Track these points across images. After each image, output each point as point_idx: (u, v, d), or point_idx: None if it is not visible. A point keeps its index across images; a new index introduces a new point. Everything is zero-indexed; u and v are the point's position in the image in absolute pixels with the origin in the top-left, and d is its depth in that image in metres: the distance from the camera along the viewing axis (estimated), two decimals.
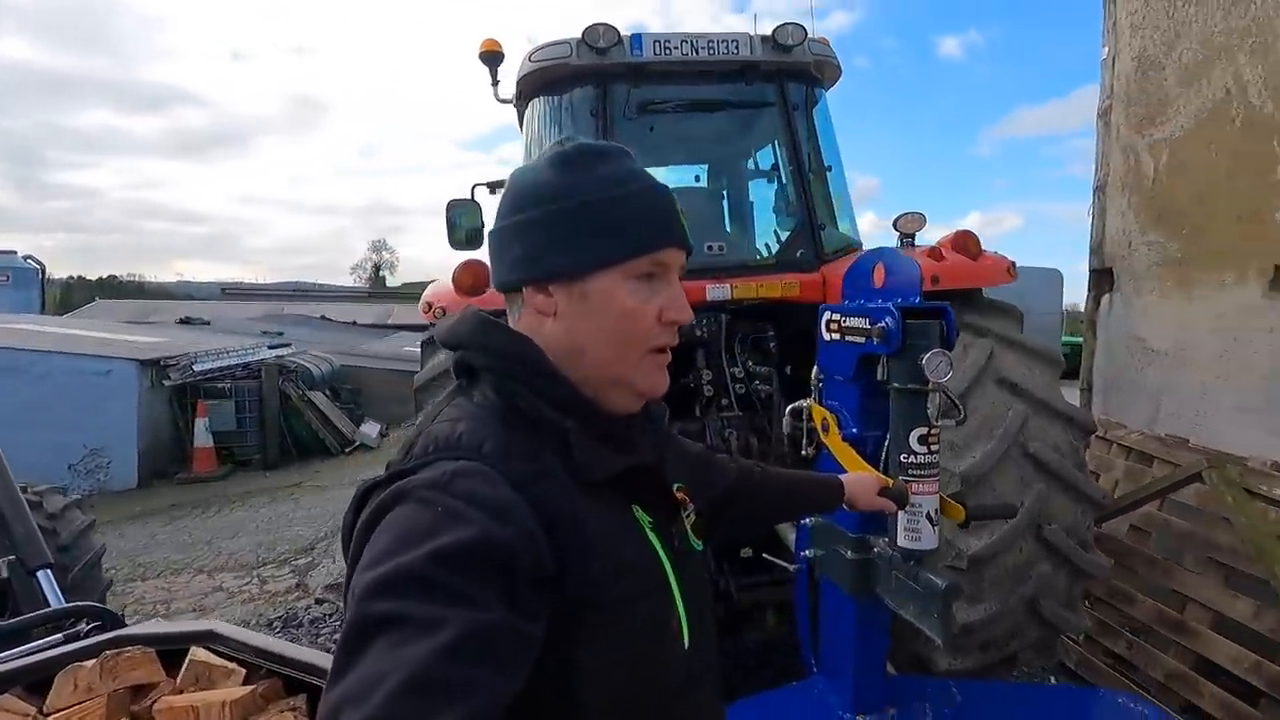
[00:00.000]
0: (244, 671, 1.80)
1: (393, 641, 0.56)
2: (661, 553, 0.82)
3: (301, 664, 1.81)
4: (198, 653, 1.80)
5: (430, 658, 0.54)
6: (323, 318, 22.87)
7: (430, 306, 2.55)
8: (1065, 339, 11.33)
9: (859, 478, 1.52)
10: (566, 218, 0.80)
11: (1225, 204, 3.31)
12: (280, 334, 15.38)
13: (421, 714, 0.52)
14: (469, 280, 2.52)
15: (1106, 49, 3.96)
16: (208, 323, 17.52)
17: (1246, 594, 2.70)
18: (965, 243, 2.74)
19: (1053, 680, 3.02)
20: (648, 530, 0.82)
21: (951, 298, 1.88)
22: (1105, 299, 4.03)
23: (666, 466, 0.92)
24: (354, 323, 22.67)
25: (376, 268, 64.91)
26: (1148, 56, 3.69)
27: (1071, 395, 3.03)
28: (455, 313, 2.60)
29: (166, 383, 8.86)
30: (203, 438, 8.88)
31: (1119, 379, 3.94)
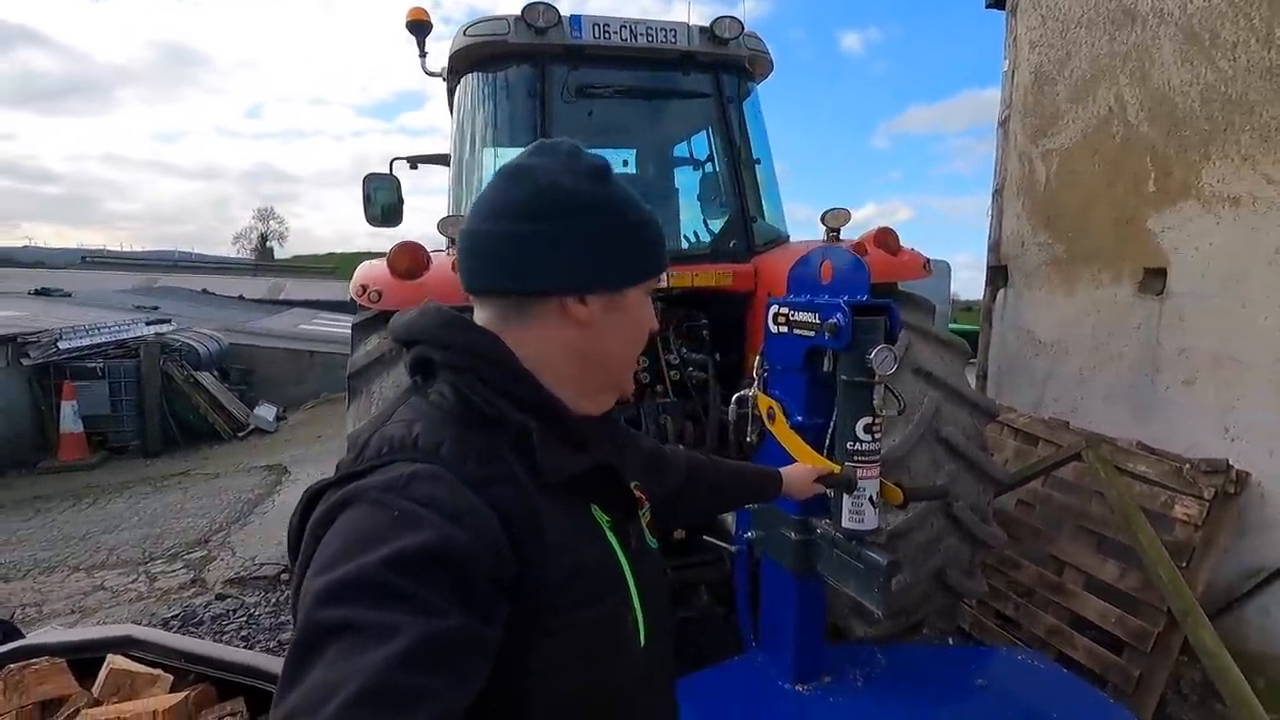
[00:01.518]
0: (170, 678, 1.70)
1: (345, 649, 0.54)
2: (619, 552, 0.82)
3: (236, 665, 1.73)
4: (116, 660, 1.68)
5: (384, 666, 0.53)
6: (204, 291, 21.11)
7: (365, 290, 2.42)
8: (952, 326, 12.21)
9: (794, 469, 1.61)
10: (615, 233, 0.82)
11: (1105, 211, 3.67)
12: (156, 308, 14.08)
13: None
14: (406, 263, 2.42)
15: (1007, 62, 4.27)
16: (69, 295, 15.75)
17: (1114, 558, 3.07)
18: (886, 239, 2.90)
19: (950, 641, 3.31)
20: (606, 530, 0.82)
21: (872, 291, 2.00)
22: (1000, 293, 4.40)
23: (625, 465, 0.92)
24: (240, 297, 21.07)
25: (263, 238, 60.42)
26: (1043, 72, 4.02)
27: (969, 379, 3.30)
28: (390, 302, 2.50)
29: (25, 361, 7.93)
30: (70, 422, 8.02)
31: (1011, 366, 4.32)
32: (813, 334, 1.76)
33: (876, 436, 1.68)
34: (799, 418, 1.88)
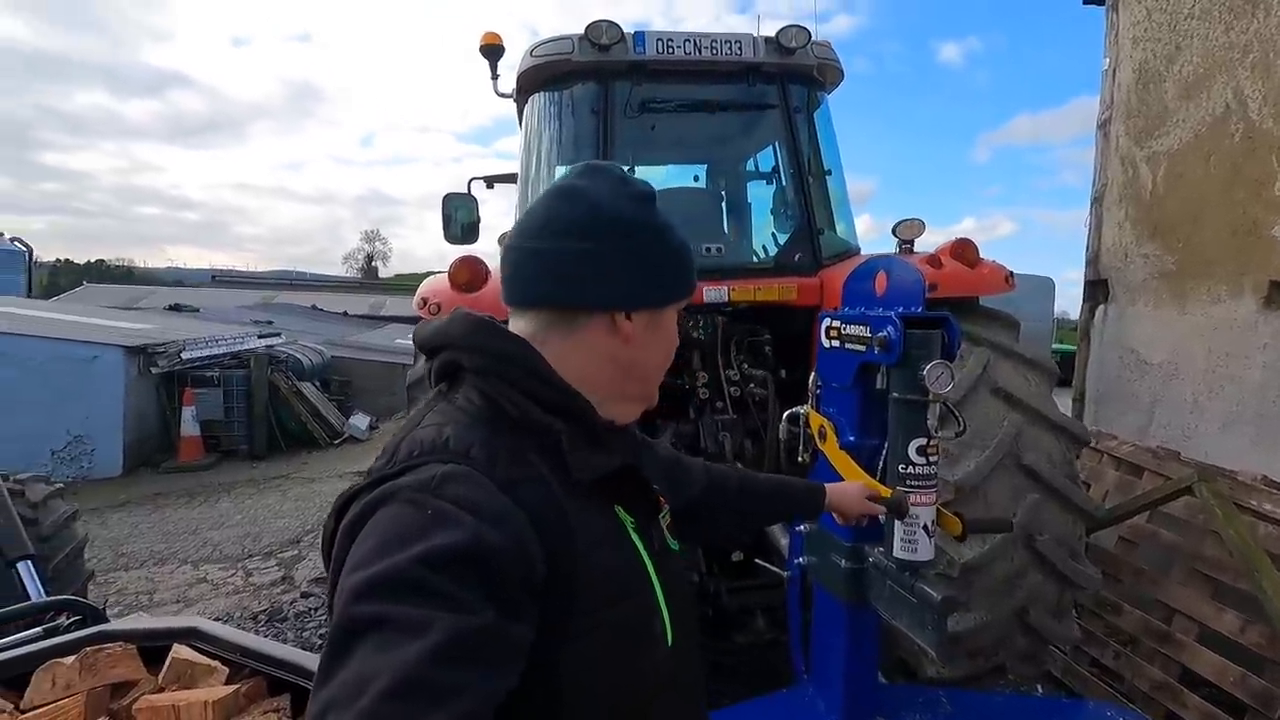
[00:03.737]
0: (227, 670, 1.77)
1: (380, 644, 0.56)
2: (644, 552, 0.83)
3: (285, 663, 1.78)
4: (180, 650, 1.77)
5: (418, 660, 0.54)
6: (314, 307, 22.68)
7: (425, 302, 2.51)
8: (1055, 347, 11.41)
9: (844, 486, 1.51)
10: (659, 255, 0.87)
11: (1222, 218, 3.31)
12: (270, 323, 15.24)
13: (408, 717, 0.52)
14: (465, 276, 2.48)
15: (1108, 60, 3.96)
16: (197, 310, 17.33)
17: (1234, 607, 2.71)
18: (964, 251, 2.73)
19: (1039, 689, 3.02)
20: (631, 531, 0.83)
21: (949, 306, 1.87)
22: (1100, 310, 4.04)
23: (645, 468, 0.93)
24: (345, 313, 22.48)
25: (369, 258, 64.64)
26: (1149, 68, 3.69)
27: (1063, 403, 3.04)
28: (445, 314, 2.58)
29: (154, 370, 8.75)
30: (189, 426, 8.77)
31: (1112, 390, 3.95)
32: (864, 348, 1.66)
33: (932, 460, 1.55)
34: (851, 437, 1.78)
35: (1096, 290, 4.06)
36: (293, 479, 8.17)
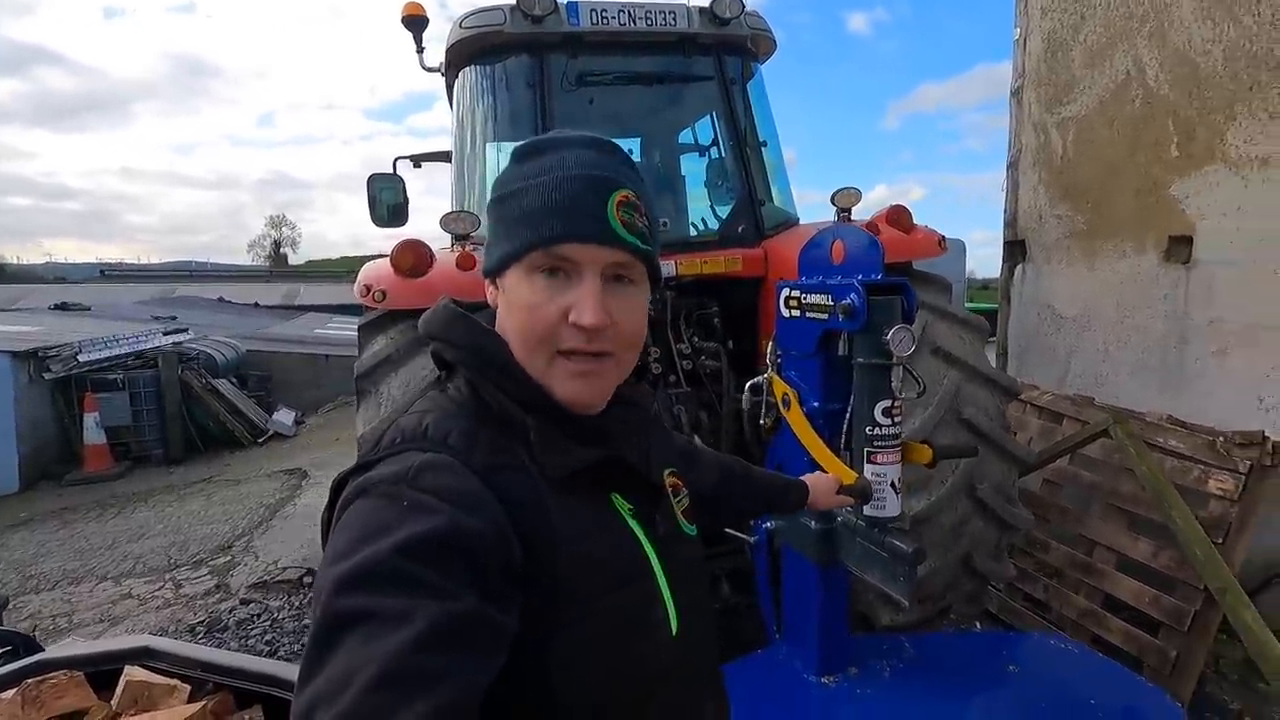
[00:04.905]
0: (188, 688, 1.68)
1: (362, 637, 0.55)
2: (644, 539, 0.81)
3: (252, 674, 1.71)
4: (134, 672, 1.67)
5: (400, 650, 0.54)
6: (220, 299, 21.34)
7: (369, 290, 2.39)
8: (968, 306, 12.05)
9: (819, 480, 1.55)
10: (493, 214, 0.82)
11: (1126, 179, 3.56)
12: (174, 318, 14.22)
13: (395, 707, 0.51)
14: (409, 261, 2.38)
15: (1018, 30, 4.15)
16: (88, 308, 15.96)
17: (1147, 536, 2.98)
18: (899, 217, 2.83)
19: (979, 626, 3.24)
20: (628, 518, 0.81)
21: (885, 271, 1.93)
22: (1018, 269, 4.29)
23: (652, 452, 0.90)
24: (256, 304, 21.26)
25: (277, 245, 61.35)
26: (1056, 38, 3.89)
27: (989, 358, 3.22)
28: (393, 301, 2.48)
29: (47, 375, 8.03)
30: (93, 434, 8.11)
31: (1031, 343, 4.22)
32: (826, 316, 1.71)
33: (896, 420, 1.62)
34: (815, 403, 1.83)
35: (1015, 250, 4.31)
36: (216, 482, 7.71)
